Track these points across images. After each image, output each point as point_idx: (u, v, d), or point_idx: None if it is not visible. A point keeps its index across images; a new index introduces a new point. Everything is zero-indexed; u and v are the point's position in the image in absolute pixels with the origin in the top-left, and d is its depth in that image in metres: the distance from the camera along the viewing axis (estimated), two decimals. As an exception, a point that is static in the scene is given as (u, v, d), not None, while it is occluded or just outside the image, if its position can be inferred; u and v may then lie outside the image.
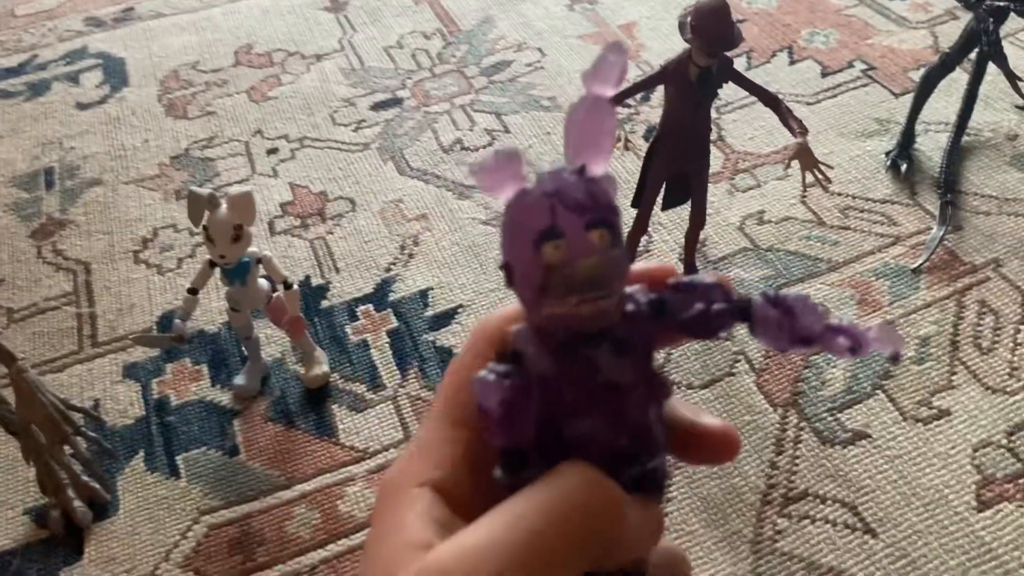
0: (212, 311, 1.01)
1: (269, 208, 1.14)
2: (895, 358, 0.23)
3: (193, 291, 0.85)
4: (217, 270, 0.84)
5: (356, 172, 1.18)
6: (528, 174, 0.23)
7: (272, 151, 1.24)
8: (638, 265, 0.26)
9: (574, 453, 0.23)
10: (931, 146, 1.11)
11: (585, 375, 0.23)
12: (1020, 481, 0.77)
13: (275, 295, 0.88)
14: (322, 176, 1.18)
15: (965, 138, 1.09)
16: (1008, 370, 0.85)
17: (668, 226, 1.04)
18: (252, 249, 0.84)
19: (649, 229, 1.00)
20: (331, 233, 1.09)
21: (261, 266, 0.85)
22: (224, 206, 0.80)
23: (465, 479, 0.25)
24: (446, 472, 0.25)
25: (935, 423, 0.82)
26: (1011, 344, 0.87)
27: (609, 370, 0.23)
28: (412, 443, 0.26)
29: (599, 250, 0.22)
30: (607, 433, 0.23)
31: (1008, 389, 0.84)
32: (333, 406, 0.90)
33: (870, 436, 0.81)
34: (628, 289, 0.24)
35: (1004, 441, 0.80)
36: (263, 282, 0.87)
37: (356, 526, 0.80)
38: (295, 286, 0.86)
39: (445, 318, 0.97)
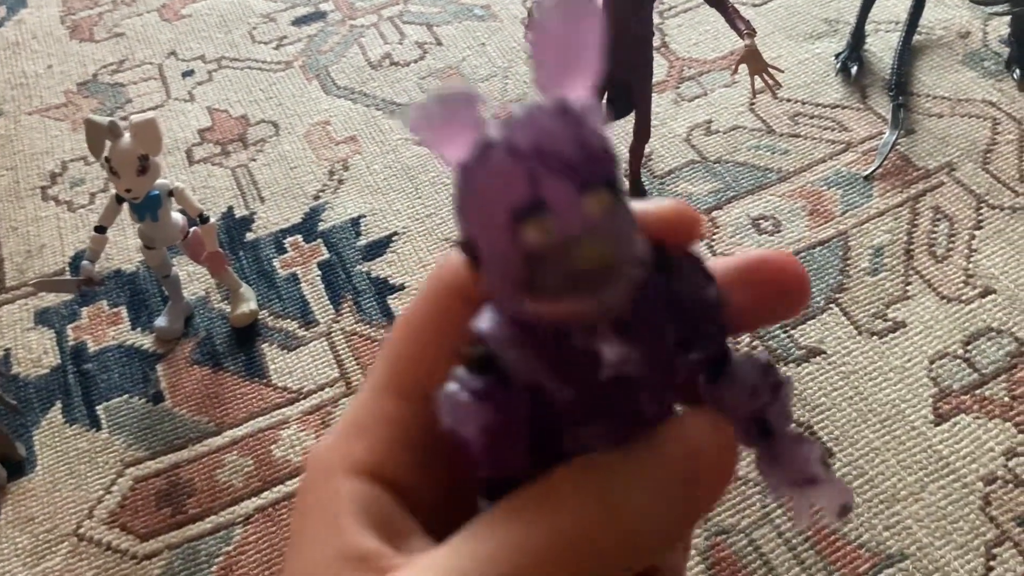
0: (129, 248, 0.94)
1: (187, 135, 1.07)
2: (844, 510, 0.19)
3: (101, 229, 0.78)
4: (126, 205, 0.78)
5: (279, 93, 1.11)
6: (486, 121, 0.17)
7: (188, 73, 1.15)
8: (642, 206, 0.20)
9: None
10: (882, 47, 1.06)
11: (585, 373, 0.18)
12: (977, 392, 0.75)
13: (192, 230, 0.81)
14: (242, 99, 1.11)
15: (916, 37, 1.05)
16: (963, 278, 0.82)
17: (612, 139, 0.98)
18: (162, 181, 0.77)
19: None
20: (254, 160, 1.02)
21: (174, 199, 0.78)
22: (127, 135, 0.73)
23: (410, 466, 0.19)
24: (385, 456, 0.19)
25: (890, 336, 0.79)
26: (966, 251, 0.85)
27: (615, 362, 0.18)
28: (345, 415, 0.21)
29: (602, 221, 0.16)
30: (618, 439, 0.18)
31: (963, 297, 0.81)
32: (263, 345, 0.85)
33: (824, 352, 0.79)
34: None
35: (960, 351, 0.78)
36: (177, 216, 0.80)
37: (292, 471, 0.76)
38: (212, 219, 0.80)
39: (379, 247, 0.92)
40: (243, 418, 0.79)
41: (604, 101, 0.85)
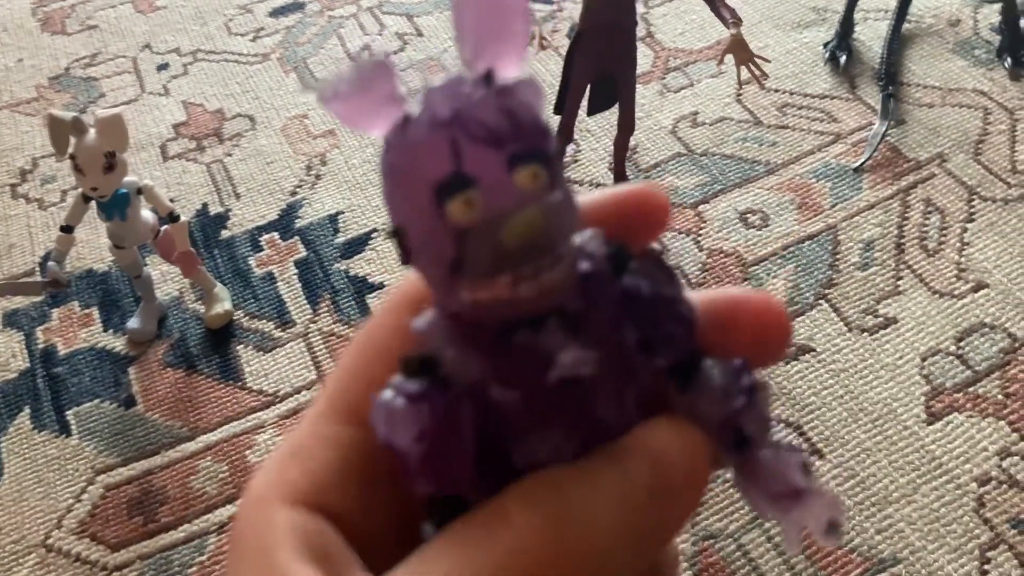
0: (101, 248, 0.91)
1: (161, 130, 1.04)
2: (833, 527, 0.18)
3: (67, 229, 0.76)
4: (93, 204, 0.75)
5: (256, 86, 1.08)
6: (408, 93, 0.16)
7: (163, 67, 1.12)
8: (602, 194, 0.19)
9: None
10: (871, 35, 1.04)
11: (532, 374, 0.16)
12: (970, 390, 0.73)
13: (163, 228, 0.79)
14: (218, 92, 1.08)
15: (906, 25, 1.03)
16: (955, 272, 0.81)
17: (596, 132, 0.96)
18: (131, 179, 0.74)
19: (575, 137, 0.92)
20: (230, 155, 1.00)
21: (143, 197, 0.76)
22: (92, 131, 0.70)
23: (353, 494, 0.18)
24: (325, 483, 0.17)
25: (881, 332, 0.77)
26: (958, 244, 0.83)
27: (565, 362, 0.16)
28: (285, 443, 0.19)
29: (532, 196, 0.15)
30: (574, 451, 0.17)
31: (956, 292, 0.79)
32: (238, 347, 0.82)
33: (814, 350, 0.77)
34: (578, 237, 0.17)
35: (953, 348, 0.76)
36: (147, 214, 0.78)
37: (268, 477, 0.73)
38: (182, 217, 0.77)
39: (358, 244, 0.89)
40: (217, 422, 0.77)
41: (589, 93, 0.82)
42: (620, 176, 0.89)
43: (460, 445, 0.16)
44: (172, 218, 0.77)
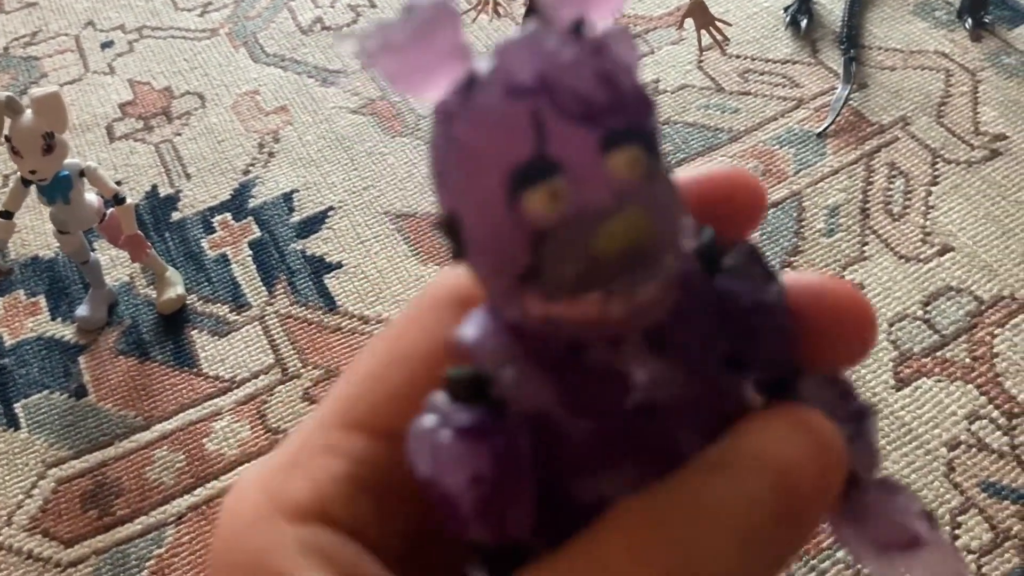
0: (47, 233, 0.88)
1: (107, 110, 1.00)
2: None
3: (6, 215, 0.73)
4: (34, 188, 0.72)
5: (204, 63, 1.04)
6: (471, 47, 0.13)
7: (107, 44, 1.09)
8: (688, 175, 0.15)
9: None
10: (831, -2, 1.03)
11: (606, 399, 0.13)
12: (937, 354, 0.72)
13: (108, 211, 0.76)
14: (166, 70, 1.04)
15: (866, -13, 1.02)
16: (921, 236, 0.80)
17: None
18: (72, 160, 0.71)
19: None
20: (179, 135, 0.97)
21: (86, 179, 0.73)
22: (28, 111, 0.67)
23: (365, 512, 0.15)
24: (332, 494, 0.14)
25: (848, 299, 0.76)
26: (923, 207, 0.82)
27: (647, 385, 0.13)
28: (276, 454, 0.16)
29: (632, 189, 0.12)
30: (647, 482, 0.14)
31: (922, 256, 0.78)
32: (192, 332, 0.80)
33: (781, 318, 0.76)
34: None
35: (920, 313, 0.75)
36: (92, 197, 0.75)
37: (226, 466, 0.71)
38: (129, 199, 0.74)
39: (314, 223, 0.87)
40: (173, 411, 0.75)
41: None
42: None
43: (523, 488, 0.13)
44: (118, 200, 0.74)
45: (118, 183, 0.78)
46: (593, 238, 0.12)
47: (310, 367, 0.76)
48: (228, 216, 0.88)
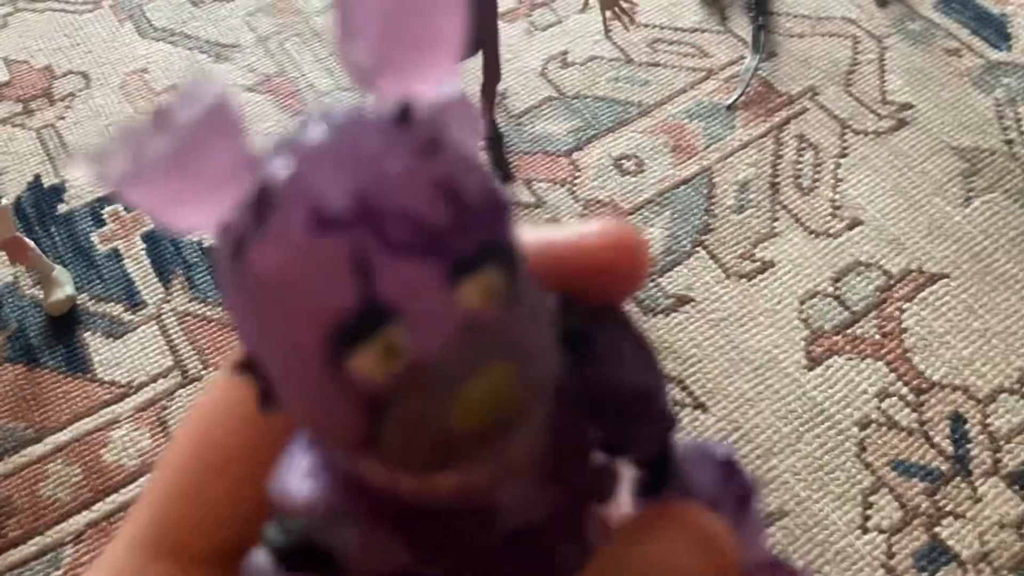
0: (-80, 231, 0.82)
1: (-18, 92, 0.94)
2: None
3: None
4: None
5: (87, 39, 0.98)
6: (261, 148, 0.10)
7: (-21, 19, 1.01)
8: (552, 239, 0.13)
9: None
10: (739, -38, 1.01)
11: (468, 535, 0.11)
12: (848, 332, 0.73)
13: (-17, 212, 0.71)
14: (45, 47, 0.98)
15: (774, -49, 1.00)
16: (830, 210, 0.80)
17: (463, 77, 0.91)
18: (-62, 160, 0.66)
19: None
20: (62, 118, 0.91)
21: (-45, 180, 0.68)
22: None
23: None
24: None
25: (759, 277, 0.76)
26: (832, 181, 0.82)
27: (519, 510, 0.11)
28: None
29: (493, 322, 0.10)
30: None
31: (832, 231, 0.78)
32: (84, 334, 0.75)
33: (693, 300, 0.75)
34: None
35: (831, 289, 0.75)
36: (-37, 198, 0.70)
37: (126, 477, 0.68)
38: (4, 199, 0.69)
39: (211, 212, 0.83)
40: (67, 420, 0.71)
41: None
42: (490, 126, 0.84)
43: None
44: (-9, 201, 0.69)
45: (-6, 179, 0.73)
46: (447, 409, 0.10)
47: (212, 369, 0.73)
48: (119, 207, 0.83)
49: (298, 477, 0.11)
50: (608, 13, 0.71)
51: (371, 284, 0.09)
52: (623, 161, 0.84)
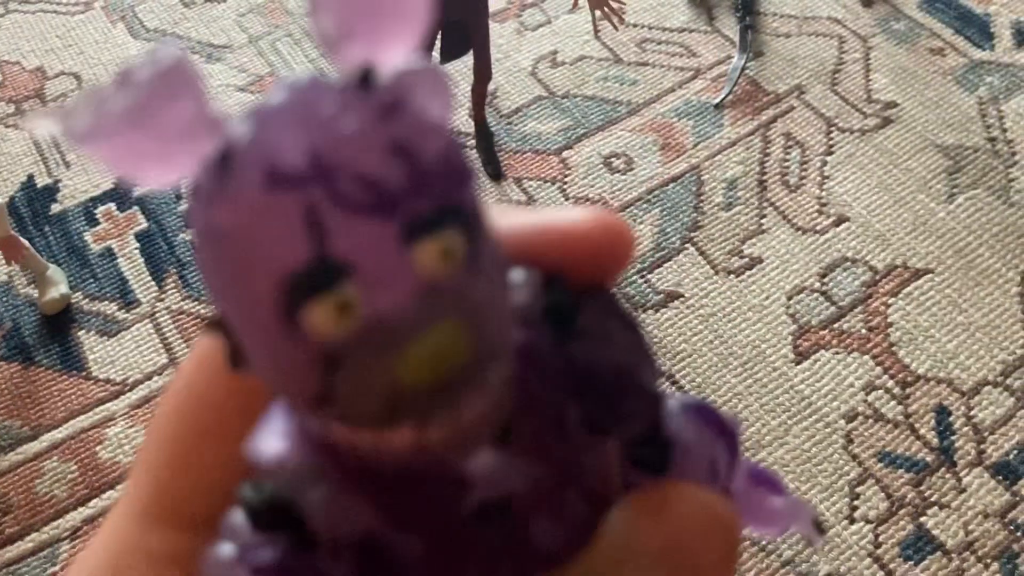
0: (-86, 231, 0.82)
1: (-26, 93, 0.94)
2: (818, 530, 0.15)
3: None
4: None
5: (79, 40, 0.99)
6: (224, 111, 0.10)
7: (-29, 20, 1.02)
8: (538, 222, 0.13)
9: None
10: (726, -37, 1.02)
11: (440, 506, 0.11)
12: (835, 326, 0.74)
13: (-22, 211, 0.71)
14: (37, 48, 0.98)
15: (760, -48, 1.01)
16: (817, 207, 0.81)
17: (453, 76, 0.92)
18: (-67, 160, 0.67)
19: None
20: (55, 119, 0.91)
21: (-50, 179, 0.68)
22: None
23: None
24: None
25: (747, 273, 0.77)
26: (818, 178, 0.83)
27: (491, 482, 0.11)
28: (90, 556, 0.14)
29: (449, 285, 0.10)
30: None
31: (818, 227, 0.80)
32: (79, 333, 0.76)
33: (683, 295, 0.76)
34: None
35: (817, 284, 0.76)
36: (-42, 198, 0.70)
37: (122, 474, 0.68)
38: (-1, 200, 0.70)
39: (204, 211, 0.83)
40: (62, 418, 0.71)
41: (440, 40, 0.78)
42: (480, 126, 0.85)
43: None
44: (-14, 201, 0.69)
45: (-12, 179, 0.74)
46: (396, 363, 0.10)
47: (206, 366, 0.73)
48: (112, 207, 0.84)
49: (271, 438, 0.11)
50: (597, 13, 0.72)
51: (324, 240, 0.09)
52: (612, 159, 0.85)
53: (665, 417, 0.13)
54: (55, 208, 0.84)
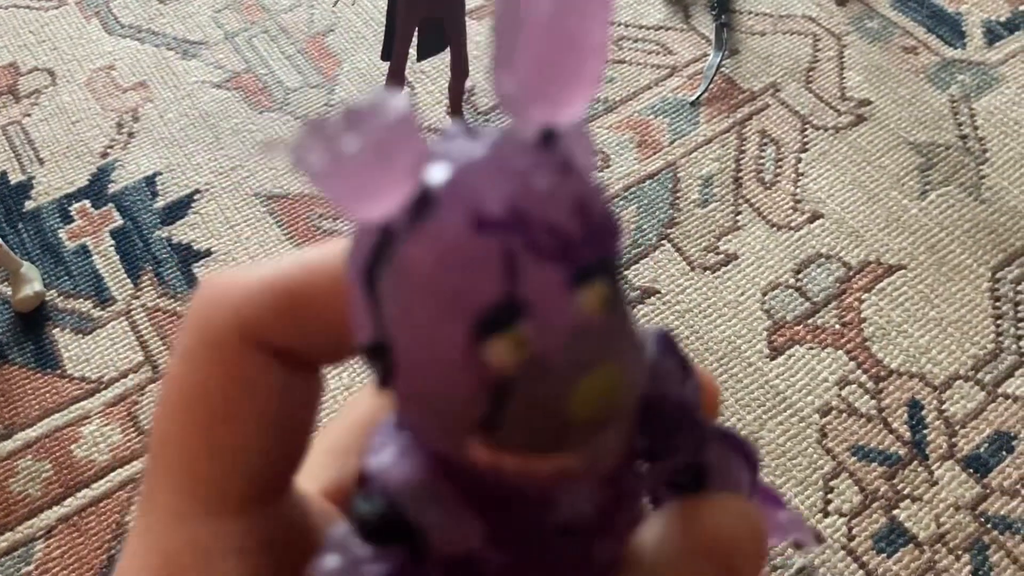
0: None
1: (-55, 89, 0.93)
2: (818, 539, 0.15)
3: None
4: None
5: (52, 35, 0.98)
6: (429, 152, 0.11)
7: (-58, 15, 1.00)
8: None
9: None
10: (702, -39, 1.03)
11: (530, 526, 0.12)
12: (809, 322, 0.74)
13: (-50, 208, 0.71)
14: (9, 44, 0.97)
15: (736, -50, 1.02)
16: (792, 204, 0.82)
17: (431, 73, 0.92)
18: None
19: (409, 78, 0.88)
20: (28, 115, 0.91)
21: (-79, 176, 0.67)
22: None
23: None
24: None
25: (723, 269, 0.78)
26: (793, 175, 0.84)
27: (574, 507, 0.13)
28: (143, 552, 0.13)
29: (601, 327, 0.11)
30: None
31: (793, 224, 0.80)
32: (54, 331, 0.75)
33: (659, 292, 0.76)
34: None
35: (792, 280, 0.77)
36: (-70, 195, 0.69)
37: (97, 472, 0.68)
38: (-28, 196, 0.69)
39: (180, 208, 0.83)
40: (36, 416, 0.71)
41: (417, 37, 0.78)
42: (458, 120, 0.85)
43: None
44: (-42, 197, 0.69)
45: (-40, 175, 0.73)
46: (568, 398, 0.11)
47: (182, 363, 0.73)
48: (87, 203, 0.83)
49: (392, 457, 0.12)
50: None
51: (515, 282, 0.10)
52: (589, 156, 0.85)
53: (710, 452, 0.15)
54: (29, 205, 0.83)
